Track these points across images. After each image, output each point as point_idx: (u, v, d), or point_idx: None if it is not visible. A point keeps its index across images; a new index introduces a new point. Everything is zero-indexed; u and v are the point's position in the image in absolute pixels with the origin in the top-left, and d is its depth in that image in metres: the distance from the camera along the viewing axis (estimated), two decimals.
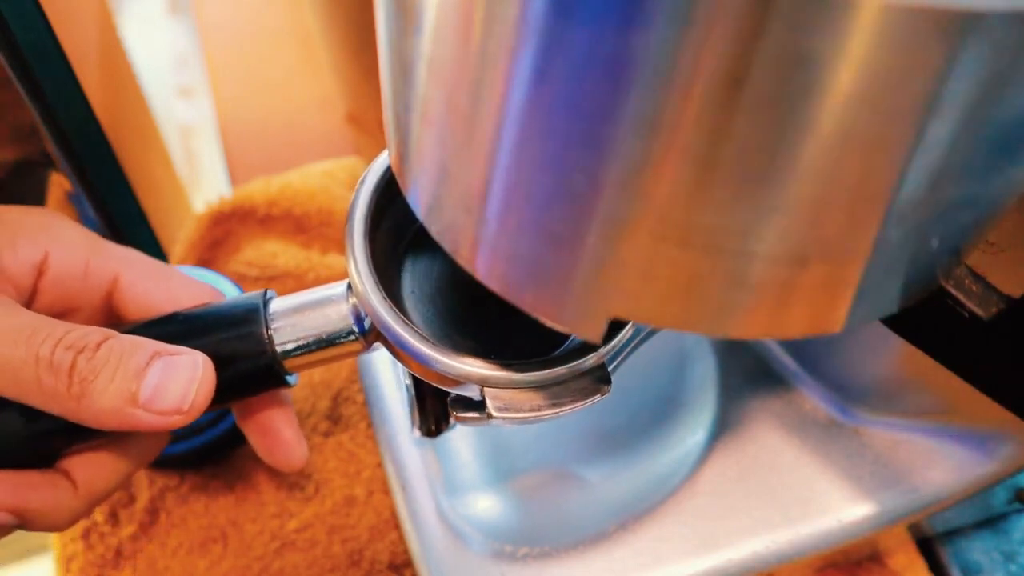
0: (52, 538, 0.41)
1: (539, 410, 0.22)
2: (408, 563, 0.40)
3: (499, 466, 0.41)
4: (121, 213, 0.44)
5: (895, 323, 0.22)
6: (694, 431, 0.41)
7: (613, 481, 0.40)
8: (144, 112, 0.48)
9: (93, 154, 0.40)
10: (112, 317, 0.28)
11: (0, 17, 0.32)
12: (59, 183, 0.50)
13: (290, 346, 0.25)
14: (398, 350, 0.23)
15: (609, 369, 0.24)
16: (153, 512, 0.41)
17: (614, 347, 0.23)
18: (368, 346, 0.25)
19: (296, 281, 0.49)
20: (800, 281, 0.15)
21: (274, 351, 0.25)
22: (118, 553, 0.40)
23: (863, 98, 0.12)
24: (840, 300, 0.16)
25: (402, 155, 0.19)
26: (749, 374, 0.41)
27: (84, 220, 0.49)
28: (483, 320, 0.25)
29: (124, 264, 0.28)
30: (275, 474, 0.42)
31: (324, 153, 0.55)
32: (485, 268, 0.18)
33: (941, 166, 0.14)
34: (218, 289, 0.29)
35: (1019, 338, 0.19)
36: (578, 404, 0.22)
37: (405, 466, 0.40)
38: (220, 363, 0.25)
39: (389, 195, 0.25)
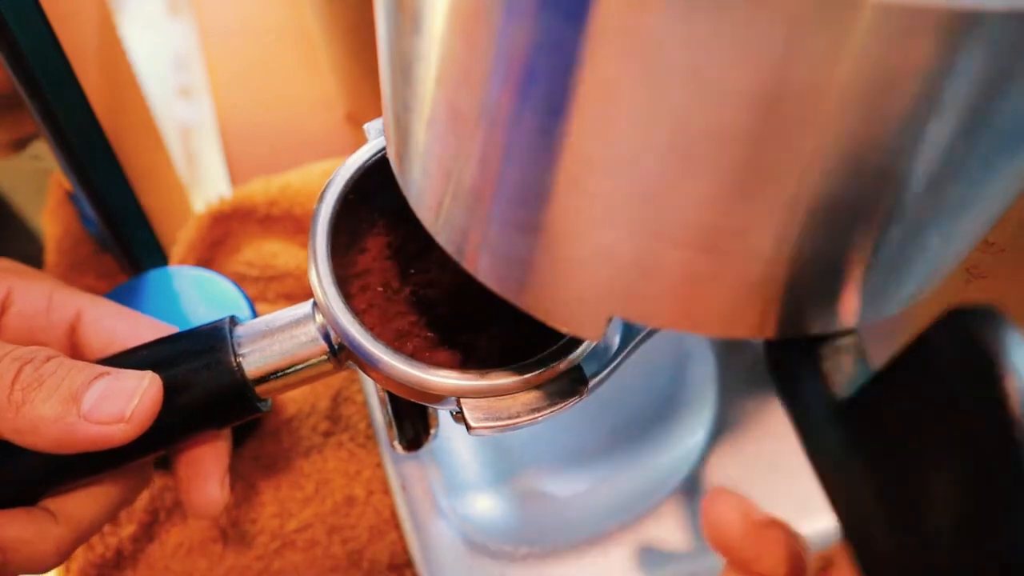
0: None
1: (518, 417, 0.22)
2: (408, 563, 0.40)
3: (499, 466, 0.41)
4: (121, 213, 0.43)
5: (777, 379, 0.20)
6: (694, 431, 0.41)
7: (613, 481, 0.40)
8: (144, 112, 0.48)
9: (93, 154, 0.40)
10: (76, 355, 0.27)
11: (0, 17, 0.32)
12: (59, 183, 0.50)
13: (260, 372, 0.24)
14: (369, 367, 0.23)
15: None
16: (153, 512, 0.41)
17: (586, 349, 0.23)
18: (341, 365, 0.25)
19: (296, 281, 0.49)
20: (799, 282, 0.15)
21: (244, 378, 0.24)
22: (118, 553, 0.40)
23: (862, 98, 0.12)
24: (840, 300, 0.16)
25: (401, 155, 0.19)
26: (749, 374, 0.41)
27: (84, 220, 0.49)
28: (455, 329, 0.25)
29: (87, 301, 0.27)
30: (275, 474, 0.42)
31: (324, 153, 0.55)
32: (484, 268, 0.18)
33: (941, 166, 0.14)
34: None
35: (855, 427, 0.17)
36: (556, 408, 0.22)
37: (405, 466, 0.40)
38: (188, 394, 0.24)
39: (350, 205, 0.25)
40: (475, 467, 0.41)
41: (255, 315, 0.38)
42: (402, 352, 0.22)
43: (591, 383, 0.23)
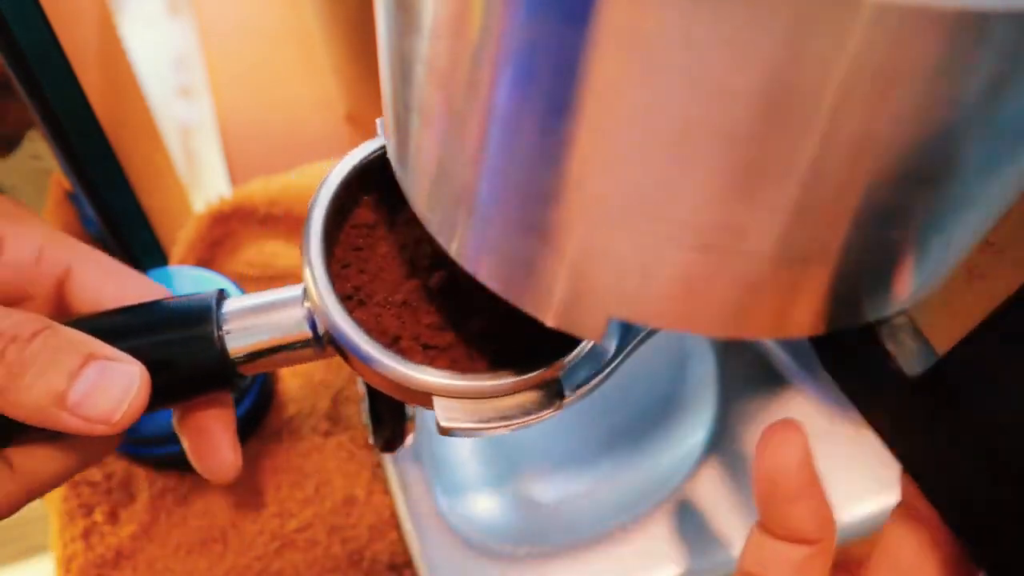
0: (52, 538, 0.41)
1: (487, 422, 0.21)
2: (408, 563, 0.40)
3: (499, 466, 0.41)
4: (121, 213, 0.44)
5: (829, 366, 0.21)
6: (694, 431, 0.41)
7: (613, 481, 0.40)
8: (144, 112, 0.48)
9: (93, 154, 0.40)
10: (63, 311, 0.27)
11: (0, 17, 0.32)
12: (59, 183, 0.50)
13: (241, 349, 0.24)
14: (350, 355, 0.22)
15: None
16: (153, 512, 0.41)
17: (570, 361, 0.22)
18: (323, 351, 0.25)
19: (296, 281, 0.49)
20: (800, 281, 0.15)
21: (225, 354, 0.24)
22: (118, 553, 0.40)
23: (863, 98, 0.12)
24: (840, 300, 0.16)
25: (402, 155, 0.19)
26: (749, 374, 0.41)
27: (84, 220, 0.49)
28: (447, 331, 0.24)
29: (79, 255, 0.27)
30: (275, 474, 0.42)
31: (324, 153, 0.55)
32: (484, 267, 0.18)
33: (942, 166, 0.14)
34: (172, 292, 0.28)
35: (936, 401, 0.17)
36: (527, 419, 0.22)
37: (405, 466, 0.40)
38: (167, 363, 0.24)
39: (356, 194, 0.25)
40: (475, 467, 0.41)
41: None
42: (387, 346, 0.22)
43: (592, 383, 0.23)
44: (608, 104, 0.13)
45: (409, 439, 0.30)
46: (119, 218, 0.44)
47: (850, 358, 0.19)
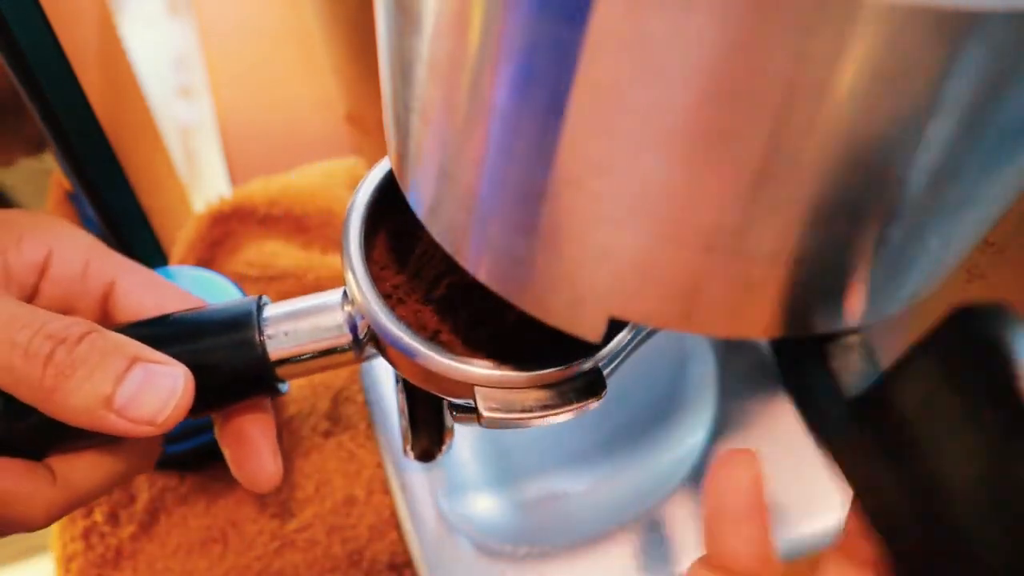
0: (52, 538, 0.41)
1: (530, 411, 0.22)
2: (408, 563, 0.40)
3: (499, 466, 0.41)
4: (121, 213, 0.44)
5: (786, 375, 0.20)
6: (694, 431, 0.41)
7: (613, 481, 0.40)
8: (144, 112, 0.48)
9: (93, 154, 0.40)
10: (107, 323, 0.27)
11: (0, 17, 0.32)
12: (59, 183, 0.50)
13: (283, 354, 0.25)
14: (393, 351, 0.23)
15: (607, 371, 0.24)
16: (153, 512, 0.41)
17: (611, 350, 0.23)
18: (362, 354, 0.25)
19: (296, 281, 0.49)
20: (800, 281, 0.15)
21: (267, 358, 0.24)
22: (118, 553, 0.40)
23: (863, 98, 0.12)
24: (841, 300, 0.16)
25: (402, 155, 0.19)
26: (749, 374, 0.41)
27: (84, 220, 0.49)
28: (485, 324, 0.25)
29: (122, 270, 0.27)
30: None
31: (324, 153, 0.55)
32: (485, 268, 0.18)
33: (941, 166, 0.14)
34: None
35: (874, 429, 0.17)
36: (571, 408, 0.22)
37: (405, 466, 0.40)
38: (210, 369, 0.24)
39: (390, 197, 0.25)
40: (475, 467, 0.41)
41: None
42: (428, 341, 0.23)
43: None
44: (607, 104, 0.13)
45: (446, 447, 0.30)
46: (119, 218, 0.44)
47: (801, 373, 0.19)
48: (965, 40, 0.12)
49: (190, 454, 0.40)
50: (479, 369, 0.22)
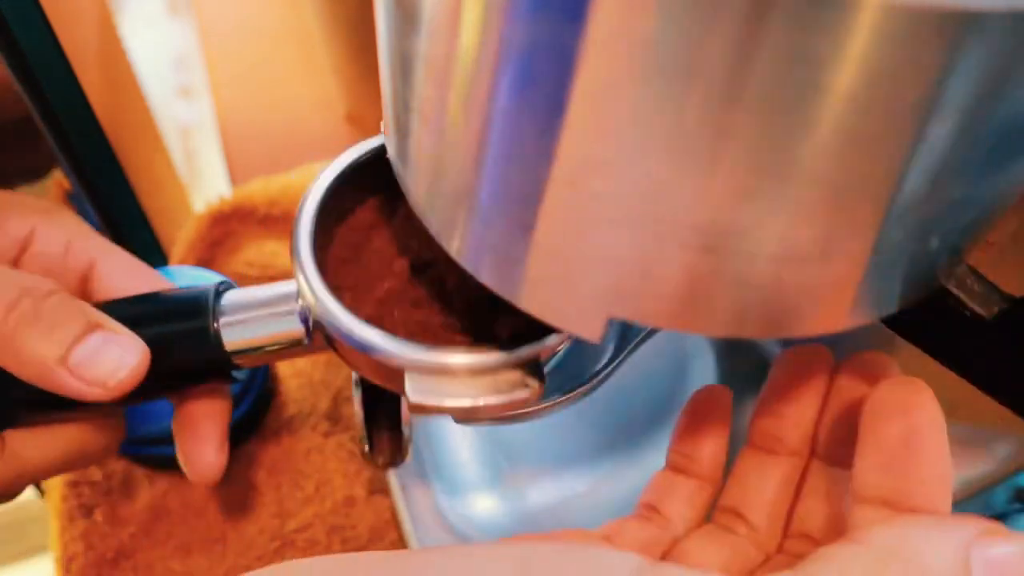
0: (52, 538, 0.41)
1: (458, 397, 0.21)
2: None
3: (498, 466, 0.41)
4: (121, 213, 0.44)
5: (896, 324, 0.22)
6: None
7: (613, 481, 0.40)
8: (144, 112, 0.48)
9: (93, 154, 0.40)
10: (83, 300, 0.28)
11: (0, 17, 0.32)
12: (59, 183, 0.50)
13: (237, 344, 0.25)
14: (333, 335, 0.22)
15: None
16: (153, 512, 0.41)
17: (552, 345, 0.22)
18: (313, 346, 0.25)
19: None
20: (800, 281, 0.15)
21: (220, 346, 0.25)
22: (118, 553, 0.40)
23: (863, 98, 0.12)
24: (841, 300, 0.16)
25: (402, 155, 0.19)
26: (749, 374, 0.41)
27: (84, 220, 0.49)
28: (431, 312, 0.24)
29: (103, 252, 0.28)
30: (275, 474, 0.42)
31: (324, 153, 0.55)
32: (484, 267, 0.18)
33: (941, 166, 0.14)
34: None
35: (1020, 337, 0.19)
36: (501, 399, 0.21)
37: (405, 466, 0.40)
38: (164, 352, 0.24)
39: (344, 197, 0.25)
40: (475, 467, 0.41)
41: None
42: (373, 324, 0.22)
43: (593, 382, 0.23)
44: (607, 103, 0.13)
45: (408, 455, 0.29)
46: (119, 218, 0.44)
47: (915, 311, 0.19)
48: (965, 40, 0.12)
49: None
50: (408, 352, 0.21)
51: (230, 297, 0.25)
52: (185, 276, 0.40)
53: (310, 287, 0.23)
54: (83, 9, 0.39)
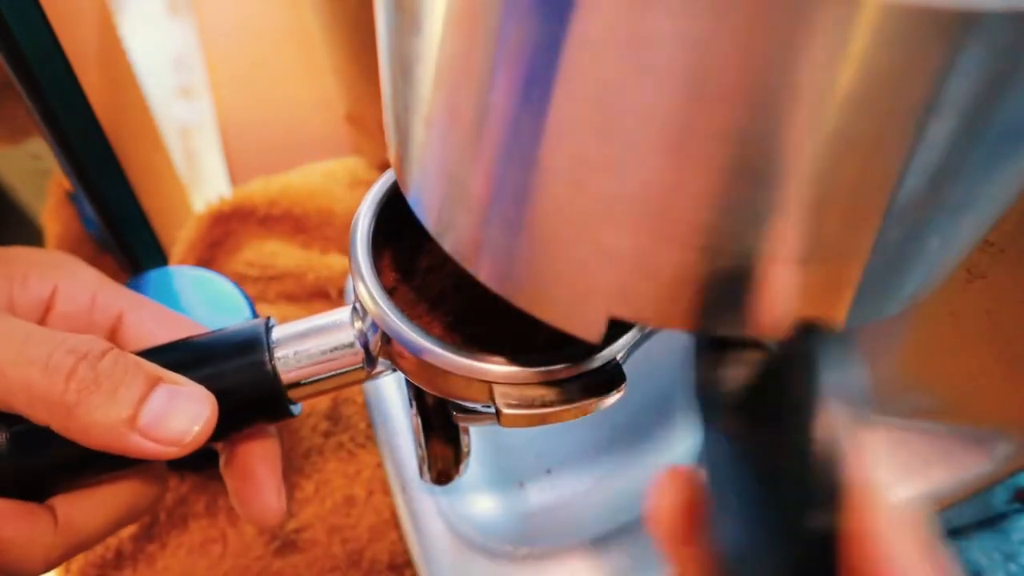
0: None
1: (550, 406, 0.21)
2: (408, 563, 0.40)
3: (499, 466, 0.41)
4: (121, 213, 0.44)
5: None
6: (694, 431, 0.41)
7: (613, 481, 0.40)
8: (144, 112, 0.48)
9: (93, 154, 0.40)
10: None
11: (0, 17, 0.32)
12: (59, 183, 0.50)
13: (295, 376, 0.24)
14: (409, 357, 0.22)
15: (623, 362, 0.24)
16: (153, 512, 0.41)
17: (629, 341, 0.22)
18: (373, 371, 0.25)
19: (296, 281, 0.49)
20: (800, 281, 0.15)
21: (278, 381, 0.24)
22: (118, 553, 0.40)
23: (862, 98, 0.12)
24: (840, 300, 0.16)
25: (402, 156, 0.19)
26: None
27: (84, 220, 0.49)
28: (489, 321, 0.24)
29: (130, 303, 0.27)
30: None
31: (324, 153, 0.55)
32: (485, 268, 0.18)
33: (941, 166, 0.14)
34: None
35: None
36: (590, 401, 0.22)
37: (405, 466, 0.40)
38: (221, 393, 0.24)
39: (398, 205, 0.25)
40: (475, 467, 0.41)
41: (255, 315, 0.38)
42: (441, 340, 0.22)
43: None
44: (607, 103, 0.13)
45: (463, 468, 0.29)
46: (119, 218, 0.44)
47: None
48: (965, 40, 0.12)
49: (190, 455, 0.40)
50: (497, 366, 0.22)
51: (281, 330, 0.25)
52: (185, 276, 0.40)
53: (383, 312, 0.22)
54: (83, 9, 0.39)
